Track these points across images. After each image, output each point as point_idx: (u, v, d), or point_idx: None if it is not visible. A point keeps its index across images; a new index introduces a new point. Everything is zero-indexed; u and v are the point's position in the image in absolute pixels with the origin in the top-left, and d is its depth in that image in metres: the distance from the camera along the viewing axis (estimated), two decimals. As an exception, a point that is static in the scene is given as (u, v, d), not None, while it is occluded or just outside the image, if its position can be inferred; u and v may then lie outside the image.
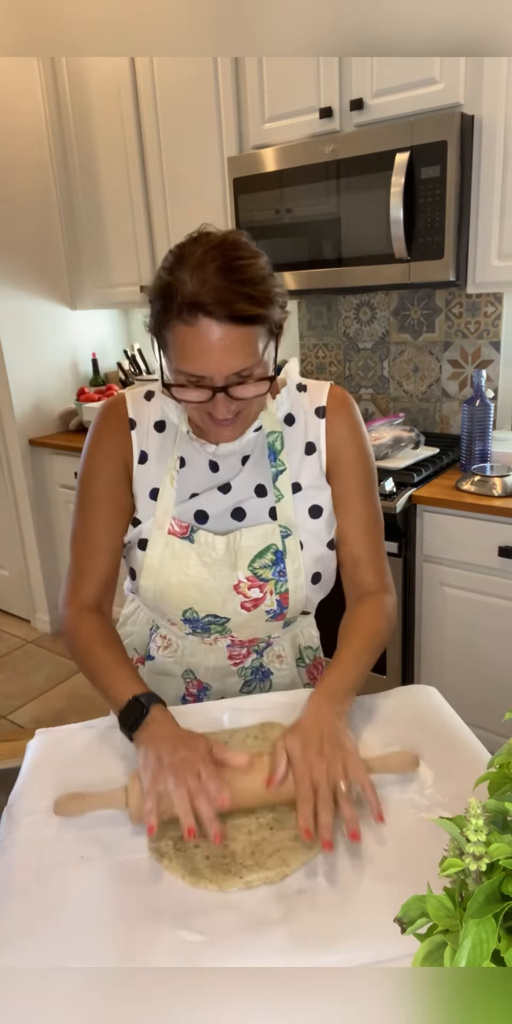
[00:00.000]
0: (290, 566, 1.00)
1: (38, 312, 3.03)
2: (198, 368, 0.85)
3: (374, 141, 1.93)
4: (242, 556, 0.98)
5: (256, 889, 0.72)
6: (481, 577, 1.91)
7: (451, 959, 0.45)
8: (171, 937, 0.67)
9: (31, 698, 2.80)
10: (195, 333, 0.83)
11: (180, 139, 2.50)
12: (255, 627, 1.04)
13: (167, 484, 1.00)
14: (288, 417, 1.03)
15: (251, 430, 0.98)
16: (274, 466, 1.01)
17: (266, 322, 0.86)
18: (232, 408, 0.89)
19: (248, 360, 0.86)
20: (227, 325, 0.82)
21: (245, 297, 0.82)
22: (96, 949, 0.66)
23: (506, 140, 1.82)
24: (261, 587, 0.99)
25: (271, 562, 0.99)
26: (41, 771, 0.92)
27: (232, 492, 1.01)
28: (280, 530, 1.00)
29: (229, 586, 0.99)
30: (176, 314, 0.83)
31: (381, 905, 0.68)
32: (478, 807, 0.48)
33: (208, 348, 0.83)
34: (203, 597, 1.00)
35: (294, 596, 1.01)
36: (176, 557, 0.99)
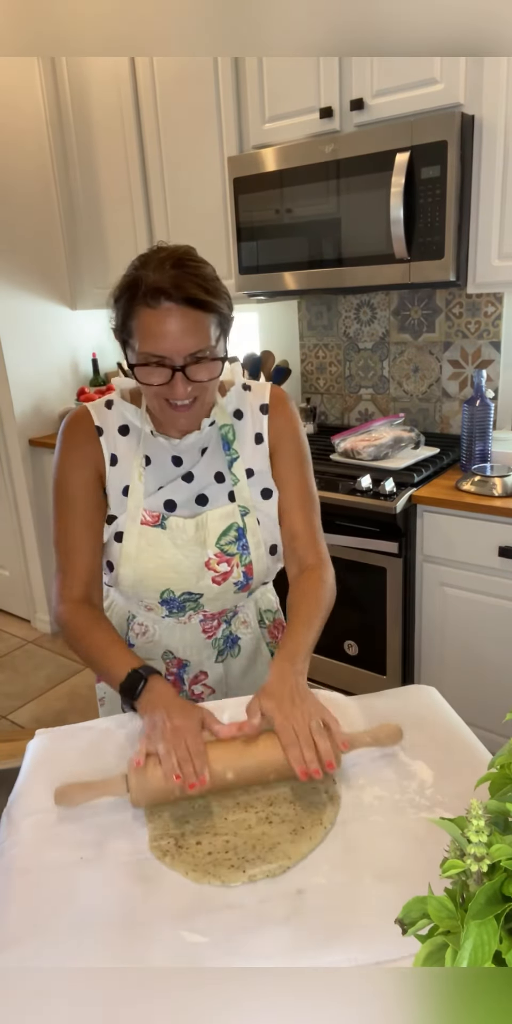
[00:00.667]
0: (251, 540, 1.12)
1: (38, 312, 3.03)
2: (160, 348, 0.97)
3: (374, 141, 1.92)
4: (210, 535, 1.10)
5: (257, 884, 0.73)
6: (481, 577, 1.91)
7: (452, 960, 0.45)
8: (171, 937, 0.67)
9: (31, 698, 2.80)
10: (157, 315, 0.96)
11: (180, 139, 2.50)
12: (225, 599, 1.15)
13: (136, 480, 1.11)
14: (237, 412, 1.17)
15: (206, 424, 1.10)
16: (228, 455, 1.14)
17: (216, 311, 0.99)
18: (189, 390, 1.00)
19: (202, 342, 0.98)
20: (184, 308, 0.95)
21: (198, 286, 0.96)
22: (96, 949, 0.66)
23: (506, 140, 1.82)
24: (228, 561, 1.11)
25: (234, 538, 1.11)
26: (41, 771, 0.91)
27: (195, 480, 1.13)
28: (239, 510, 1.12)
29: (201, 564, 1.10)
30: (141, 300, 0.97)
31: (382, 906, 0.68)
32: (479, 808, 0.48)
33: (168, 329, 0.96)
34: (178, 576, 1.10)
35: (257, 567, 1.13)
36: (151, 544, 1.09)
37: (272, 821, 0.81)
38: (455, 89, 1.84)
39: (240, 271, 2.34)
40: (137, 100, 2.58)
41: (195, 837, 0.79)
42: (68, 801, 0.83)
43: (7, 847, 0.79)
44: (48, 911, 0.71)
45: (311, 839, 0.78)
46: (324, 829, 0.80)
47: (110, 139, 2.73)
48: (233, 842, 0.78)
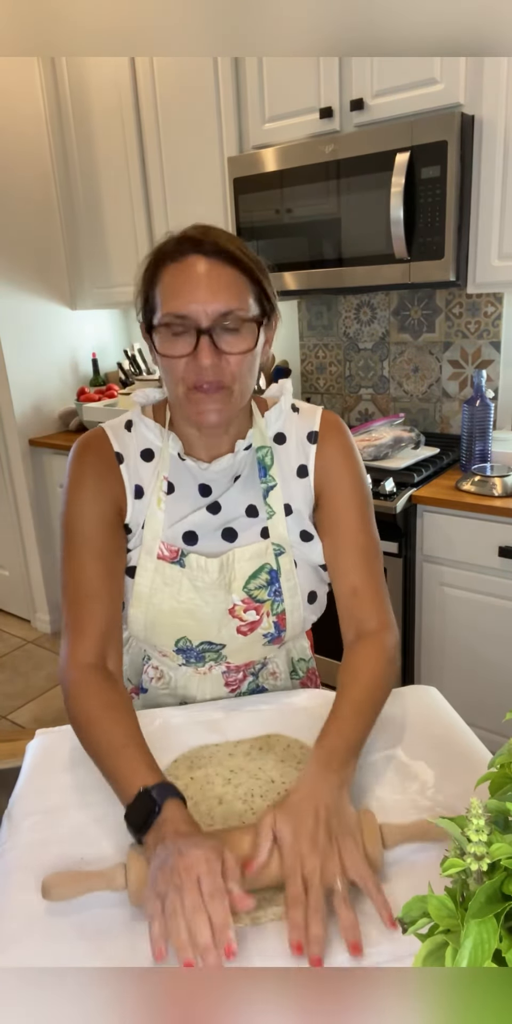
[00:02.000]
0: (285, 584, 0.96)
1: (38, 312, 3.03)
2: (183, 304, 0.84)
3: (374, 141, 1.92)
4: (236, 578, 0.94)
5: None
6: (481, 577, 1.91)
7: (452, 959, 0.45)
8: (172, 937, 0.67)
9: (31, 698, 2.80)
10: (183, 268, 0.85)
11: (180, 139, 2.50)
12: (251, 651, 1.00)
13: (155, 507, 0.95)
14: (279, 436, 1.00)
15: (241, 446, 0.95)
16: (264, 482, 0.97)
17: (251, 275, 0.87)
18: (216, 370, 0.85)
19: (232, 302, 0.84)
20: (213, 260, 0.84)
21: (230, 239, 0.87)
22: (96, 949, 0.66)
23: (506, 140, 1.82)
24: (257, 609, 0.96)
25: (266, 582, 0.95)
26: (41, 772, 0.91)
27: (222, 512, 0.96)
28: (273, 548, 0.96)
29: (224, 611, 0.95)
30: (168, 258, 0.86)
31: (382, 905, 0.68)
32: (479, 807, 0.48)
33: (195, 281, 0.84)
34: (196, 624, 0.95)
35: (291, 617, 0.97)
36: (167, 583, 0.94)
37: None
38: (455, 89, 1.84)
39: (240, 271, 2.33)
40: (137, 100, 2.58)
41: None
42: (57, 895, 0.69)
43: (7, 848, 0.79)
44: (48, 911, 0.71)
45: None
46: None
47: (110, 139, 2.73)
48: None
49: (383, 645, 0.92)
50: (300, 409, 1.02)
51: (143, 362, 3.20)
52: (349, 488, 0.98)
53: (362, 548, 0.96)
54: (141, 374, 3.15)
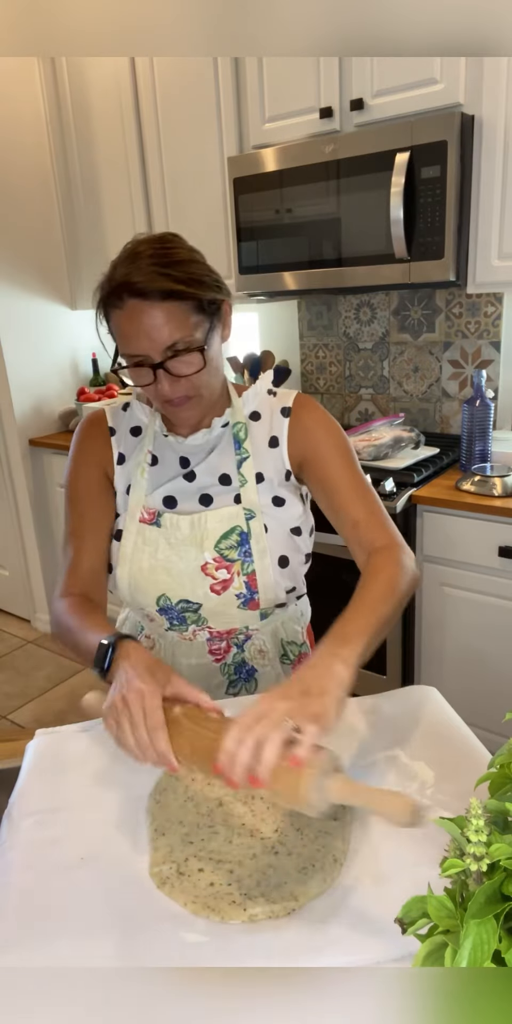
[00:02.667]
0: (255, 546, 1.03)
1: (38, 312, 3.03)
2: (133, 347, 0.93)
3: (374, 141, 1.92)
4: (207, 537, 1.03)
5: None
6: (481, 577, 1.91)
7: (452, 959, 0.45)
8: (171, 937, 0.67)
9: (31, 698, 2.80)
10: (125, 314, 0.92)
11: (180, 139, 2.50)
12: (229, 614, 1.06)
13: (138, 476, 1.07)
14: (254, 414, 1.09)
15: (218, 424, 1.06)
16: (238, 454, 1.06)
17: (189, 298, 0.91)
18: (178, 388, 0.95)
19: (176, 332, 0.91)
20: (150, 301, 0.90)
21: (161, 274, 0.90)
22: (96, 949, 0.66)
23: (506, 140, 1.82)
24: (228, 568, 1.03)
25: (236, 543, 1.03)
26: (41, 772, 0.91)
27: (197, 479, 1.06)
28: (244, 512, 1.04)
29: (196, 567, 1.03)
30: (110, 302, 0.94)
31: (382, 905, 0.68)
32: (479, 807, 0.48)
33: (138, 326, 0.91)
34: (172, 581, 1.03)
35: (262, 578, 1.03)
36: (146, 543, 1.05)
37: (278, 852, 0.76)
38: (455, 89, 1.84)
39: (240, 271, 2.34)
40: (137, 100, 2.58)
41: (198, 863, 0.74)
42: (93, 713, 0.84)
43: (7, 847, 0.79)
44: (48, 911, 0.71)
45: (323, 881, 0.72)
46: (339, 866, 0.74)
47: (110, 139, 2.73)
48: (237, 873, 0.73)
49: (396, 557, 0.97)
50: (277, 393, 1.11)
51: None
52: (328, 442, 1.05)
53: (353, 487, 1.03)
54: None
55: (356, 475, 1.05)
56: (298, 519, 1.08)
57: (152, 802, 0.84)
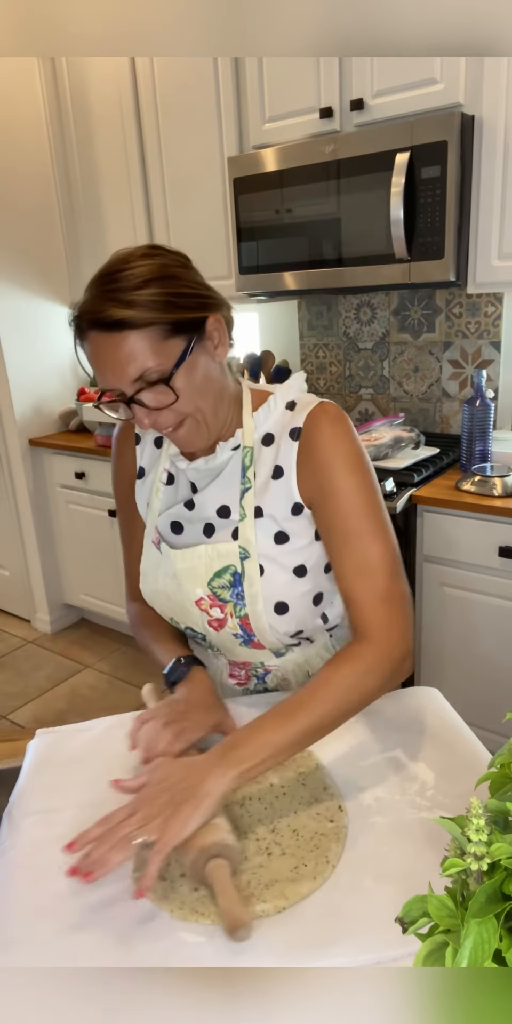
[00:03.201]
0: (248, 590, 0.94)
1: (38, 312, 3.03)
2: (103, 382, 0.86)
3: (374, 141, 1.92)
4: (199, 573, 0.96)
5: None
6: (481, 577, 1.91)
7: (452, 959, 0.45)
8: (171, 937, 0.67)
9: (31, 698, 2.80)
10: (90, 348, 0.85)
11: (180, 139, 2.50)
12: (234, 650, 1.03)
13: (153, 496, 1.04)
14: (267, 437, 0.96)
15: (227, 448, 0.96)
16: (243, 483, 0.95)
17: (150, 324, 0.81)
18: (160, 420, 0.88)
19: (145, 363, 0.82)
20: (109, 334, 0.81)
21: (113, 302, 0.81)
22: (96, 949, 0.66)
23: (506, 140, 1.82)
24: (221, 608, 0.97)
25: (229, 583, 0.95)
26: (41, 772, 0.92)
27: (196, 509, 0.99)
28: (239, 551, 0.94)
29: (192, 600, 0.98)
30: (77, 333, 0.86)
31: (382, 905, 0.68)
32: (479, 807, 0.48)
33: (102, 362, 0.84)
34: (176, 608, 1.02)
35: (255, 623, 0.95)
36: (156, 565, 1.03)
37: (271, 852, 0.75)
38: (455, 89, 1.84)
39: (240, 271, 2.34)
40: (137, 100, 2.58)
41: (180, 869, 0.73)
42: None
43: (7, 847, 0.79)
44: (48, 911, 0.71)
45: (314, 879, 0.72)
46: (332, 867, 0.73)
47: (110, 139, 2.73)
48: None
49: (358, 655, 0.85)
50: (296, 405, 0.96)
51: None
52: (338, 484, 0.89)
53: (355, 551, 0.89)
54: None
55: (363, 535, 0.89)
56: (305, 557, 0.95)
57: None
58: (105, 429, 2.79)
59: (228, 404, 0.96)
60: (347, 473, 0.90)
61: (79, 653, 3.11)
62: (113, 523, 2.91)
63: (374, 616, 0.87)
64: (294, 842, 0.77)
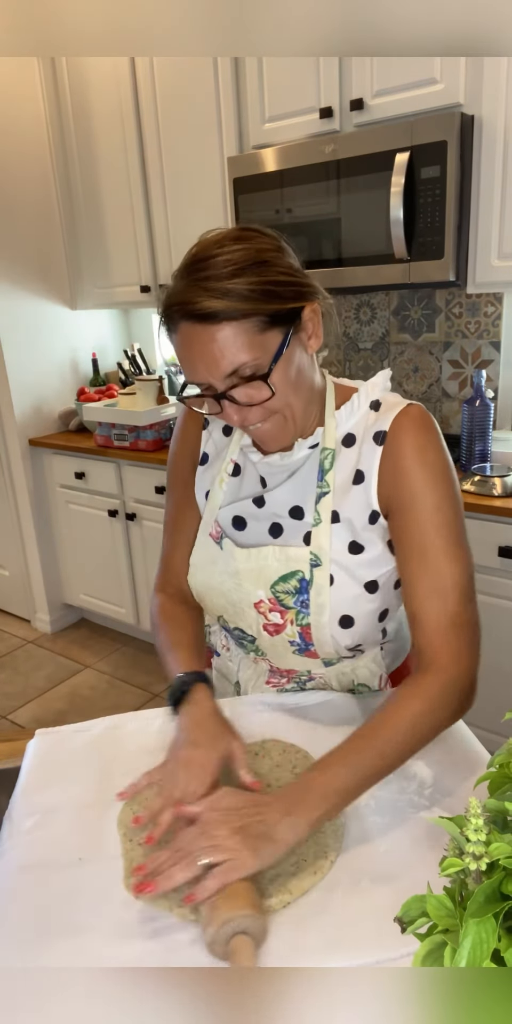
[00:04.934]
0: (314, 599, 0.89)
1: (38, 312, 3.03)
2: (193, 375, 0.81)
3: (374, 141, 1.93)
4: (263, 575, 0.91)
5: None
6: (481, 577, 1.91)
7: (451, 959, 0.46)
8: (171, 937, 0.67)
9: (31, 698, 2.80)
10: (181, 340, 0.80)
11: (180, 139, 2.50)
12: (284, 657, 0.96)
13: (217, 486, 0.98)
14: (348, 437, 0.91)
15: (305, 445, 0.91)
16: (320, 486, 0.90)
17: (248, 315, 0.76)
18: (249, 417, 0.83)
19: (237, 359, 0.77)
20: (203, 326, 0.76)
21: (208, 293, 0.76)
22: (96, 949, 0.66)
23: (506, 140, 1.82)
24: (282, 613, 0.92)
25: (295, 589, 0.90)
26: (41, 772, 0.92)
27: (266, 507, 0.94)
28: (310, 558, 0.89)
29: (250, 602, 0.93)
30: (167, 325, 0.82)
31: (381, 905, 0.68)
32: (478, 807, 0.48)
33: (194, 355, 0.79)
34: (230, 607, 0.96)
35: (317, 634, 0.90)
36: (211, 561, 0.97)
37: None
38: (455, 89, 1.84)
39: (240, 271, 2.34)
40: (137, 100, 2.58)
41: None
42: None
43: (8, 847, 0.79)
44: (48, 911, 0.71)
45: (315, 873, 0.72)
46: (330, 863, 0.73)
47: (110, 139, 2.73)
48: None
49: (425, 687, 0.80)
50: (382, 405, 0.90)
51: (143, 362, 3.20)
52: (420, 496, 0.84)
53: (429, 570, 0.84)
54: (141, 374, 3.15)
55: (440, 554, 0.84)
56: (377, 571, 0.90)
57: (126, 812, 0.82)
58: (105, 429, 2.79)
59: (315, 400, 0.91)
60: (431, 486, 0.85)
61: (79, 653, 3.12)
62: (113, 523, 2.91)
63: (443, 643, 0.82)
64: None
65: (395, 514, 0.87)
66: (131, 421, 2.64)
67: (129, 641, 3.16)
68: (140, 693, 2.79)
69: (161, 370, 3.25)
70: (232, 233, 0.81)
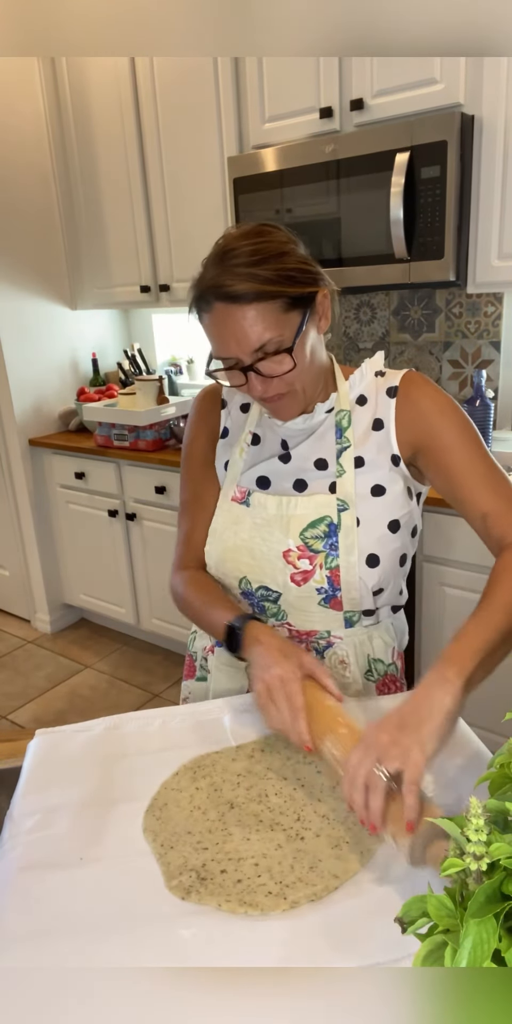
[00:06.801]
0: (343, 541, 0.98)
1: (38, 312, 3.03)
2: (224, 351, 0.93)
3: (374, 141, 1.93)
4: (294, 522, 1.00)
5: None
6: (481, 577, 1.90)
7: (452, 959, 0.46)
8: (171, 937, 0.67)
9: (31, 698, 2.80)
10: (214, 319, 0.91)
11: (180, 139, 2.50)
12: (309, 611, 1.02)
13: (237, 455, 1.08)
14: (360, 398, 1.04)
15: (322, 409, 1.03)
16: (339, 443, 1.02)
17: (278, 297, 0.89)
18: (270, 388, 0.94)
19: (265, 334, 0.90)
20: (232, 305, 0.89)
21: (241, 277, 0.88)
22: (96, 949, 0.66)
23: (506, 140, 1.82)
24: (311, 559, 0.99)
25: (324, 534, 0.99)
26: (42, 772, 0.92)
27: (292, 461, 1.04)
28: (337, 503, 0.99)
29: (279, 552, 1.00)
30: (200, 306, 0.93)
31: (382, 905, 0.68)
32: (479, 807, 0.48)
33: (227, 331, 0.90)
34: (254, 563, 1.03)
35: (346, 576, 0.98)
36: (235, 521, 1.04)
37: (304, 837, 0.75)
38: (455, 89, 1.84)
39: (240, 271, 2.34)
40: (137, 100, 2.58)
41: (218, 866, 0.72)
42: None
43: (9, 847, 0.79)
44: (48, 911, 0.71)
45: (362, 855, 0.71)
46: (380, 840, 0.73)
47: (110, 139, 2.73)
48: (265, 864, 0.72)
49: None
50: (386, 373, 1.05)
51: (143, 362, 3.20)
52: (447, 425, 0.98)
53: (480, 474, 0.97)
54: (141, 374, 3.16)
55: (483, 460, 0.97)
56: (399, 512, 1.01)
57: (151, 819, 0.81)
58: (105, 429, 2.79)
59: (322, 376, 1.03)
60: (451, 414, 0.99)
61: (79, 653, 3.12)
62: (113, 523, 2.91)
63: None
64: (327, 824, 0.77)
65: (428, 455, 0.99)
66: (131, 421, 2.64)
67: (129, 641, 3.16)
68: (140, 693, 2.79)
69: (161, 370, 3.25)
70: (254, 229, 0.94)
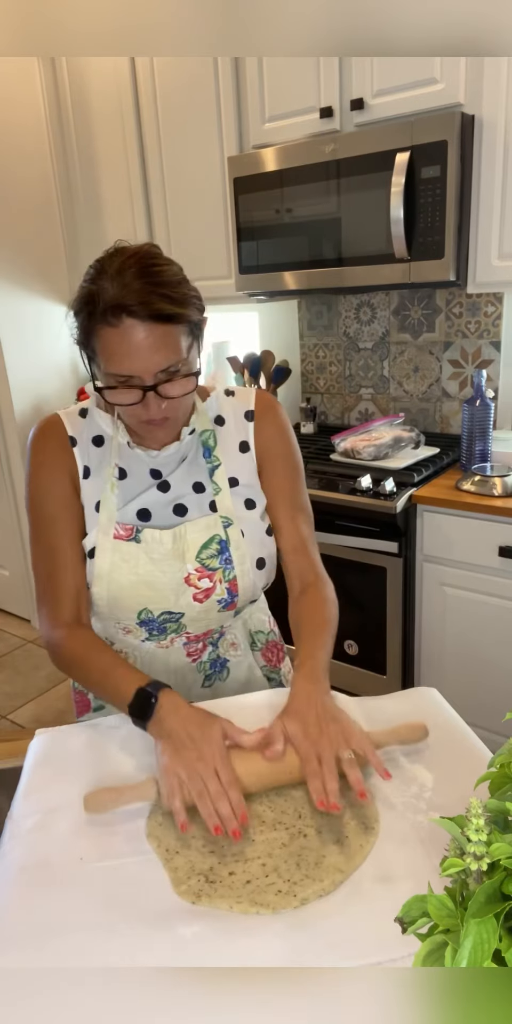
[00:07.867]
0: (235, 553, 1.04)
1: (38, 312, 3.03)
2: (126, 368, 0.90)
3: (374, 141, 1.92)
4: (189, 549, 1.02)
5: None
6: (481, 577, 1.91)
7: (452, 959, 0.46)
8: (171, 937, 0.67)
9: (31, 698, 2.80)
10: (120, 334, 0.88)
11: (180, 139, 2.50)
12: (208, 619, 1.07)
13: (108, 492, 1.03)
14: (218, 419, 1.10)
15: (186, 433, 1.05)
16: (209, 462, 1.07)
17: (185, 321, 0.91)
18: (163, 407, 0.94)
19: (172, 356, 0.91)
20: (149, 323, 0.88)
21: (163, 297, 0.88)
22: (96, 949, 0.66)
23: (506, 140, 1.82)
24: (210, 576, 1.03)
25: (217, 551, 1.04)
26: (42, 771, 0.92)
27: (171, 489, 1.05)
28: (221, 521, 1.05)
29: (180, 579, 1.02)
30: (100, 319, 0.89)
31: (382, 905, 0.68)
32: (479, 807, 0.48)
33: (134, 348, 0.88)
34: (155, 594, 1.02)
35: (242, 582, 1.05)
36: (125, 560, 1.01)
37: (306, 834, 0.77)
38: (455, 89, 1.84)
39: (240, 271, 2.34)
40: (137, 100, 2.58)
41: (226, 868, 0.73)
42: (98, 807, 0.81)
43: (9, 848, 0.79)
44: (48, 911, 0.71)
45: (362, 847, 0.74)
46: (374, 833, 0.76)
47: (110, 139, 2.73)
48: (271, 864, 0.73)
49: (323, 594, 1.06)
50: (235, 392, 1.12)
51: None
52: (285, 460, 1.11)
53: (300, 511, 1.11)
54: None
55: (299, 496, 1.12)
56: (268, 521, 1.12)
57: (154, 824, 0.81)
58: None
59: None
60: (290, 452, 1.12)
61: (79, 653, 3.11)
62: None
63: (317, 564, 1.10)
64: (327, 820, 0.78)
65: (268, 474, 1.10)
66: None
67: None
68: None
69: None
70: (146, 249, 0.92)
